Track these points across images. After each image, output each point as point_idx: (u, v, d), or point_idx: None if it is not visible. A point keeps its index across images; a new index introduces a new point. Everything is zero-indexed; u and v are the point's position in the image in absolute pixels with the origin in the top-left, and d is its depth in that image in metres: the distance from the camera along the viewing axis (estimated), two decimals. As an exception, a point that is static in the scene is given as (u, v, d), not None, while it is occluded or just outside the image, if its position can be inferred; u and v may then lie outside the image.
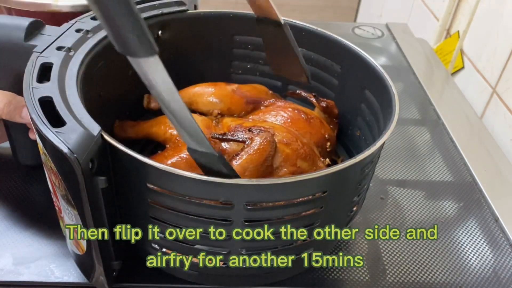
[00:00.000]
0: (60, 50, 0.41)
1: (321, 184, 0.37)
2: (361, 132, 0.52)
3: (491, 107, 0.76)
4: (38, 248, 0.46)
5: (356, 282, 0.46)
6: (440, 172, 0.61)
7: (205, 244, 0.39)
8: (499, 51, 0.75)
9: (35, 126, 0.34)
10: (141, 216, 0.39)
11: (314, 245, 0.42)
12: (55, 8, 0.58)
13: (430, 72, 0.84)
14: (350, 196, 0.41)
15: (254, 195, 0.35)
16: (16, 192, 0.51)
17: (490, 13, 0.79)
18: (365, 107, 0.50)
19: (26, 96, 0.36)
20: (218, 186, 0.34)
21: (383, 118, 0.45)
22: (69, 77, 0.39)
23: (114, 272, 0.42)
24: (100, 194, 0.35)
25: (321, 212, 0.39)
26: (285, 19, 0.55)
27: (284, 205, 0.37)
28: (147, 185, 0.36)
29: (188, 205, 0.36)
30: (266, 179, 0.39)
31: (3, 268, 0.44)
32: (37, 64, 0.39)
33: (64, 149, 0.31)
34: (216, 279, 0.44)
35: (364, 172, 0.40)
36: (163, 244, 0.40)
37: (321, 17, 1.56)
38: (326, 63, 0.55)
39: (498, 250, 0.50)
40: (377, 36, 0.92)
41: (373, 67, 0.48)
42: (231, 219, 0.36)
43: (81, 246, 0.39)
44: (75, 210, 0.36)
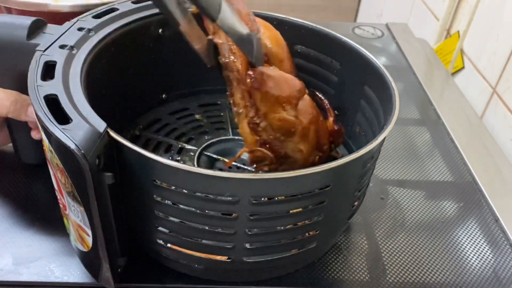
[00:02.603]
0: (63, 48, 0.42)
1: (325, 178, 0.37)
2: (360, 129, 0.52)
3: (491, 107, 0.76)
4: (38, 248, 0.46)
5: (356, 282, 0.46)
6: (440, 172, 0.61)
7: (210, 239, 0.39)
8: (499, 51, 0.75)
9: (41, 123, 0.34)
10: (147, 212, 0.39)
11: (317, 238, 0.42)
12: (55, 8, 0.58)
13: (430, 72, 0.84)
14: (352, 190, 0.42)
15: (259, 189, 0.36)
16: (16, 192, 0.51)
17: (490, 13, 0.79)
18: (365, 103, 0.50)
19: (32, 94, 0.36)
20: (223, 180, 0.35)
21: (384, 114, 0.45)
22: (73, 75, 0.40)
23: (119, 268, 0.42)
24: (106, 190, 0.35)
25: (324, 206, 0.39)
26: (284, 17, 0.55)
27: (288, 199, 0.37)
28: (152, 181, 0.36)
29: (194, 200, 0.36)
30: (271, 173, 0.40)
31: (3, 268, 0.44)
32: (40, 62, 0.39)
33: (71, 145, 0.31)
34: (221, 274, 0.44)
35: (366, 167, 0.40)
36: (169, 240, 0.40)
37: (321, 17, 1.56)
38: (326, 60, 0.55)
39: (498, 250, 0.50)
40: (377, 36, 0.92)
41: (372, 63, 0.48)
42: (237, 214, 0.37)
43: (86, 242, 0.39)
44: (81, 207, 0.36)
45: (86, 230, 0.38)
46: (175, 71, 0.57)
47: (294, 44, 0.57)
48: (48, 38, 0.43)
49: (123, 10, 0.49)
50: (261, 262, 0.41)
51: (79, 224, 0.39)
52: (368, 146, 0.38)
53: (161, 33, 0.53)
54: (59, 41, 0.42)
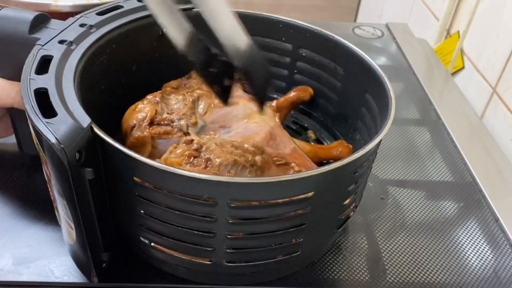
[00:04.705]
0: (62, 43, 0.42)
1: (307, 185, 0.37)
2: (361, 136, 0.52)
3: (491, 107, 0.76)
4: (38, 248, 0.46)
5: (356, 282, 0.46)
6: (440, 172, 0.61)
7: (191, 240, 0.39)
8: (499, 51, 0.75)
9: (28, 116, 0.35)
10: (130, 210, 0.39)
11: (301, 247, 0.41)
12: (55, 8, 0.58)
13: (430, 72, 0.84)
14: (339, 200, 0.41)
15: (237, 193, 0.35)
16: (16, 192, 0.51)
17: (490, 13, 0.79)
18: (366, 111, 0.50)
19: (23, 86, 0.37)
20: (201, 182, 0.34)
21: (381, 123, 0.44)
22: (67, 70, 0.40)
23: (103, 263, 0.42)
24: (87, 185, 0.36)
25: (308, 214, 0.38)
26: (290, 20, 0.55)
27: (269, 204, 0.36)
28: (134, 179, 0.36)
29: (174, 200, 0.36)
30: (250, 178, 0.40)
31: (3, 268, 0.44)
32: (37, 56, 0.40)
33: (52, 139, 0.32)
34: (204, 276, 0.44)
35: (353, 176, 0.39)
36: (152, 239, 0.40)
37: (321, 17, 1.56)
38: (330, 65, 0.55)
39: (498, 250, 0.50)
40: (377, 36, 0.92)
41: (374, 71, 0.48)
42: (215, 217, 0.36)
43: (71, 235, 0.40)
44: (64, 200, 0.37)
45: (70, 223, 0.38)
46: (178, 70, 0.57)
47: (299, 48, 0.57)
48: (49, 33, 0.43)
49: (127, 7, 0.50)
50: (242, 267, 0.41)
51: (64, 217, 0.39)
52: (354, 155, 0.37)
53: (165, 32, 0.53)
54: (59, 36, 0.43)
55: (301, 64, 0.58)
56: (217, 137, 0.46)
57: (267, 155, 0.44)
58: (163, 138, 0.45)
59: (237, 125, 0.48)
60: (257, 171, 0.42)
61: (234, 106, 0.51)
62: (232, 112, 0.50)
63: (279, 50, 0.58)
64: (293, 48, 0.57)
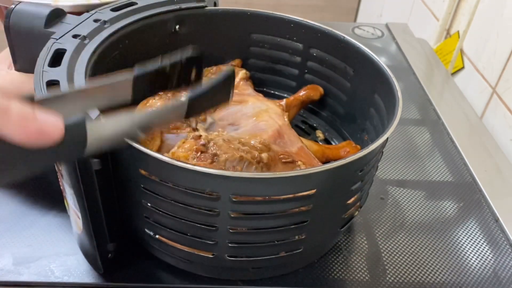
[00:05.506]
0: (75, 38, 0.43)
1: (309, 182, 0.37)
2: (368, 137, 0.52)
3: (491, 107, 0.76)
4: (38, 248, 0.46)
5: (356, 282, 0.46)
6: (440, 172, 0.61)
7: (194, 233, 0.39)
8: (499, 51, 0.75)
9: None
10: (135, 201, 0.39)
11: (304, 244, 0.41)
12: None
13: (430, 72, 0.84)
14: (343, 198, 0.41)
15: (239, 187, 0.36)
16: (16, 192, 0.51)
17: (490, 13, 0.79)
18: (374, 111, 0.50)
19: (36, 78, 0.38)
20: (204, 176, 0.35)
21: (387, 123, 0.44)
22: (80, 63, 0.41)
23: (109, 253, 0.43)
24: (93, 175, 0.36)
25: (311, 211, 0.38)
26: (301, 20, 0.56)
27: (270, 200, 0.37)
28: (139, 171, 0.37)
29: (178, 193, 0.37)
30: (251, 173, 0.40)
31: (3, 268, 0.44)
32: (51, 50, 0.41)
33: None
34: (206, 270, 0.44)
35: (358, 175, 0.39)
36: (156, 231, 0.41)
37: (321, 17, 1.56)
38: (340, 66, 0.55)
39: (498, 250, 0.50)
40: (377, 36, 0.92)
41: (383, 72, 0.48)
42: (218, 211, 0.37)
43: (78, 225, 0.40)
44: (71, 189, 0.37)
45: (77, 213, 0.39)
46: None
47: (310, 48, 0.57)
48: (64, 28, 0.44)
49: (141, 4, 0.50)
50: (244, 261, 0.41)
51: (72, 206, 0.40)
52: (357, 154, 0.37)
53: (177, 30, 0.53)
54: (73, 30, 0.44)
55: (311, 64, 0.58)
56: (225, 133, 0.46)
57: (273, 152, 0.44)
58: (172, 133, 0.45)
59: (246, 122, 0.49)
60: (263, 168, 0.42)
61: (244, 104, 0.51)
62: (241, 110, 0.50)
63: (290, 49, 0.59)
64: (304, 48, 0.58)
